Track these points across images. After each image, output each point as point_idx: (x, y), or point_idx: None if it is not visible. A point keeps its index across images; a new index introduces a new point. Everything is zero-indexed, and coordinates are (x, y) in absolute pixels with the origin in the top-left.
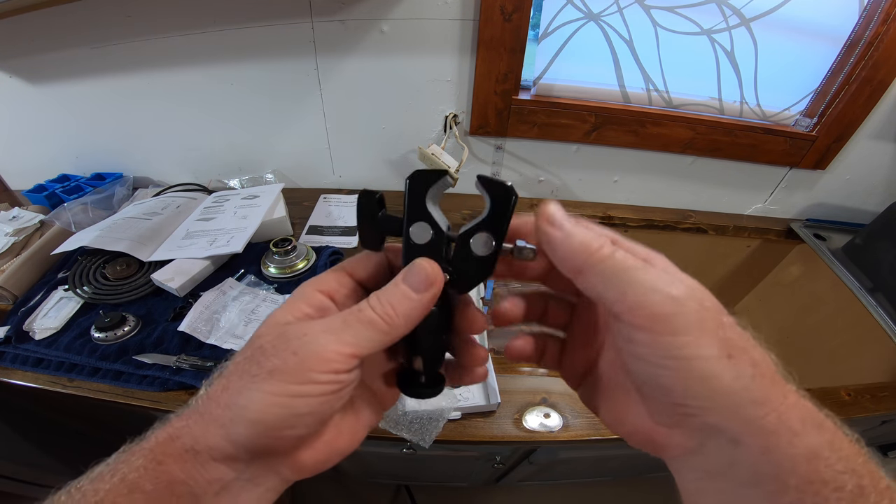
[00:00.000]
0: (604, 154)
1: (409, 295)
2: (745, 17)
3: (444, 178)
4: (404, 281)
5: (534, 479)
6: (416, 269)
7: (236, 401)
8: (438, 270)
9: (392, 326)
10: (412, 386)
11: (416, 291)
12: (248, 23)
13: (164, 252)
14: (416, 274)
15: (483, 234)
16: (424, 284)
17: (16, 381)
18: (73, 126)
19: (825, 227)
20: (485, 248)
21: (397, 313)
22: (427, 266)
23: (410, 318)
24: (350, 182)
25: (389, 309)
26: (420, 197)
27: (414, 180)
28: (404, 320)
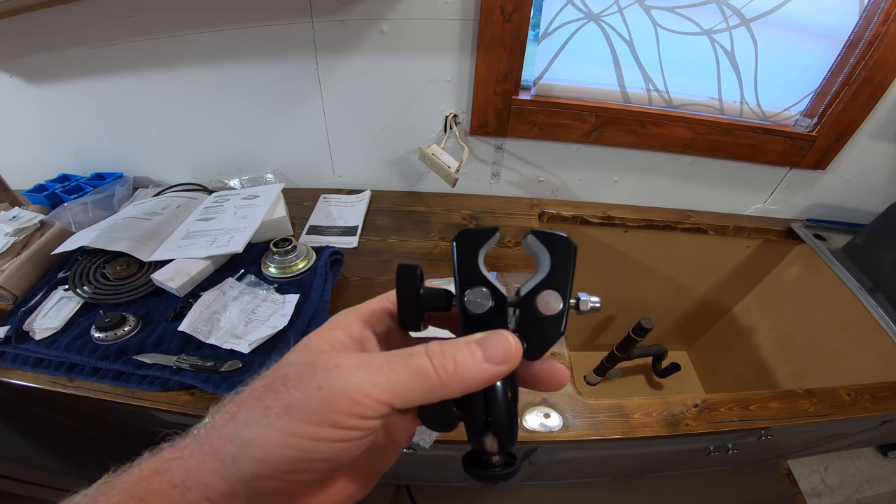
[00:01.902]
0: (604, 154)
1: (477, 358)
2: (745, 17)
3: (494, 235)
4: (479, 344)
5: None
6: (498, 340)
7: (242, 434)
8: (520, 348)
9: (444, 384)
10: (485, 468)
11: (488, 361)
12: (248, 23)
13: (164, 252)
14: (498, 345)
15: (549, 291)
16: (502, 357)
17: (16, 381)
18: (74, 126)
19: (825, 227)
20: (553, 307)
21: (457, 373)
22: (512, 341)
23: (468, 383)
24: (350, 182)
25: (451, 363)
26: (472, 260)
27: (462, 242)
28: (462, 383)
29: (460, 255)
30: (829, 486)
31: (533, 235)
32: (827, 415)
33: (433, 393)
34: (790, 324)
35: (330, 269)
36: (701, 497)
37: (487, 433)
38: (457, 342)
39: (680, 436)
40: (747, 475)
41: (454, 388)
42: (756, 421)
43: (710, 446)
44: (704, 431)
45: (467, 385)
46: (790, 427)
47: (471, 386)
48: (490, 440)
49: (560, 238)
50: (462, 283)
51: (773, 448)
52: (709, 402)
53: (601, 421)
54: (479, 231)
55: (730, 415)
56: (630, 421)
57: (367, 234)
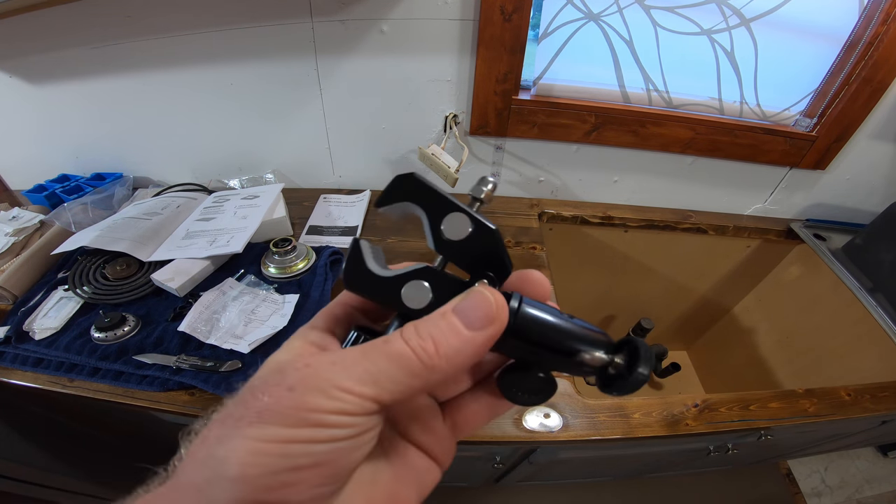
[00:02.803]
0: (604, 154)
1: (458, 330)
2: (745, 17)
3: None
4: (455, 313)
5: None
6: (474, 300)
7: (215, 453)
8: (502, 300)
9: (429, 368)
10: (622, 376)
11: (471, 328)
12: (248, 23)
13: (164, 252)
14: (476, 307)
15: (447, 218)
16: (485, 318)
17: (16, 381)
18: (73, 126)
19: (825, 227)
20: (461, 226)
21: (439, 352)
22: (490, 295)
23: (460, 359)
24: (350, 182)
25: (429, 344)
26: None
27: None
28: (447, 362)
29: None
30: (829, 486)
31: (383, 207)
32: (827, 415)
33: (421, 381)
34: (790, 324)
35: (330, 269)
36: (701, 497)
37: (581, 352)
38: (431, 317)
39: (680, 436)
40: (747, 475)
41: (445, 369)
42: (756, 421)
43: (710, 446)
44: (704, 431)
45: (460, 361)
46: (790, 427)
47: (465, 360)
48: (589, 355)
49: (397, 182)
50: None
51: (773, 448)
52: (709, 402)
53: (601, 421)
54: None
55: (730, 415)
56: (630, 421)
57: (367, 234)
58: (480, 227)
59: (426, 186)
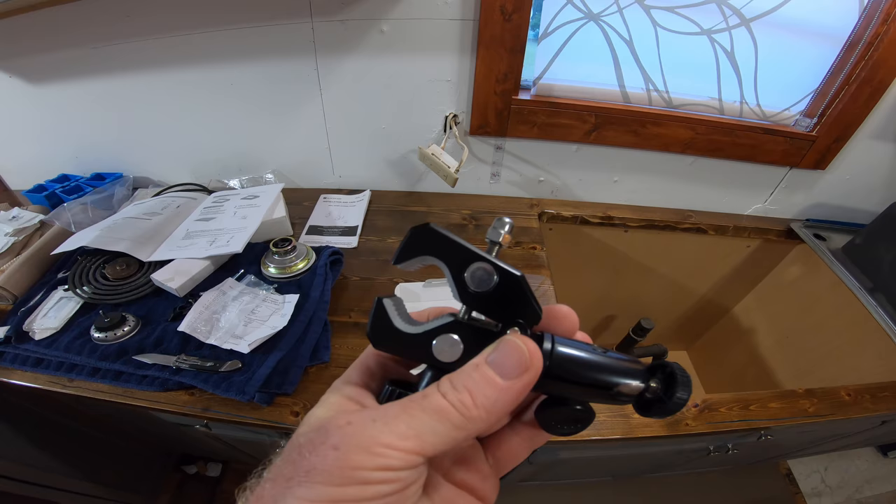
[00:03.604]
0: (604, 154)
1: (493, 381)
2: (745, 17)
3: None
4: (489, 364)
5: (534, 479)
6: (506, 350)
7: None
8: (536, 348)
9: (469, 419)
10: (661, 401)
11: (505, 378)
12: (248, 23)
13: (164, 252)
14: (509, 356)
15: (471, 269)
16: (518, 368)
17: (16, 381)
18: (73, 126)
19: (825, 227)
20: (486, 275)
21: (476, 403)
22: (522, 344)
23: (499, 408)
24: (350, 182)
25: (467, 397)
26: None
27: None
28: (486, 412)
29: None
30: (829, 486)
31: (402, 264)
32: (827, 415)
33: (463, 432)
34: (790, 324)
35: (330, 269)
36: (701, 497)
37: (617, 385)
38: (465, 369)
39: (680, 436)
40: (747, 475)
41: (485, 418)
42: (756, 421)
43: (710, 446)
44: (704, 431)
45: (498, 410)
46: (790, 427)
47: (503, 409)
48: (626, 386)
49: (414, 236)
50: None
51: (773, 448)
52: (709, 402)
53: (601, 421)
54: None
55: (730, 415)
56: (630, 421)
57: (367, 234)
58: (506, 275)
59: (444, 238)
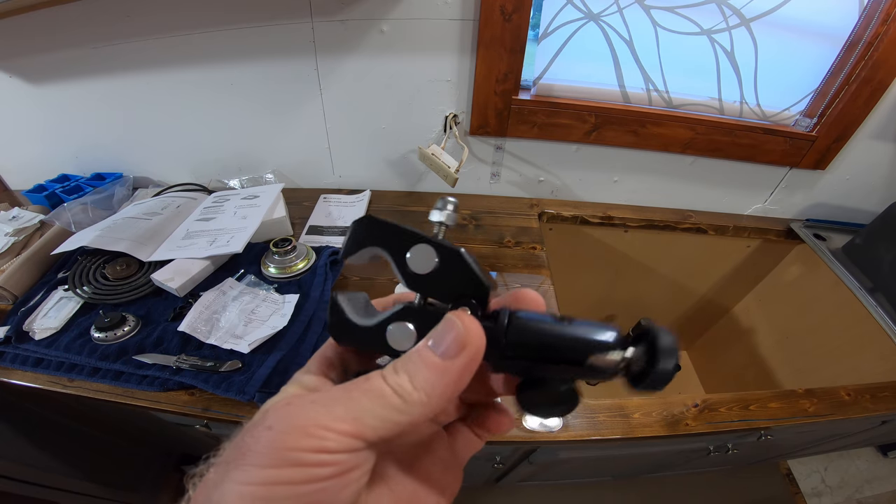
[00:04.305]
0: (604, 154)
1: (431, 362)
2: (745, 17)
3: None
4: (428, 344)
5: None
6: (442, 327)
7: (210, 497)
8: (475, 323)
9: (409, 403)
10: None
11: (443, 357)
12: (248, 23)
13: (164, 252)
14: (444, 333)
15: (414, 249)
16: (458, 346)
17: (16, 381)
18: (74, 126)
19: (825, 227)
20: (425, 256)
21: (415, 386)
22: (459, 321)
23: (435, 393)
24: (350, 182)
25: (405, 379)
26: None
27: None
28: (426, 396)
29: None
30: (829, 486)
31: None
32: (827, 415)
33: (406, 416)
34: (790, 324)
35: (330, 269)
36: (701, 497)
37: (586, 359)
38: (409, 353)
39: (680, 436)
40: (747, 475)
41: (426, 402)
42: (756, 421)
43: (710, 446)
44: (704, 431)
45: (440, 392)
46: (790, 427)
47: (445, 391)
48: (598, 358)
49: (356, 227)
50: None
51: (773, 448)
52: (709, 402)
53: (601, 421)
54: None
55: (730, 415)
56: (630, 421)
57: None
58: (446, 252)
59: (384, 223)
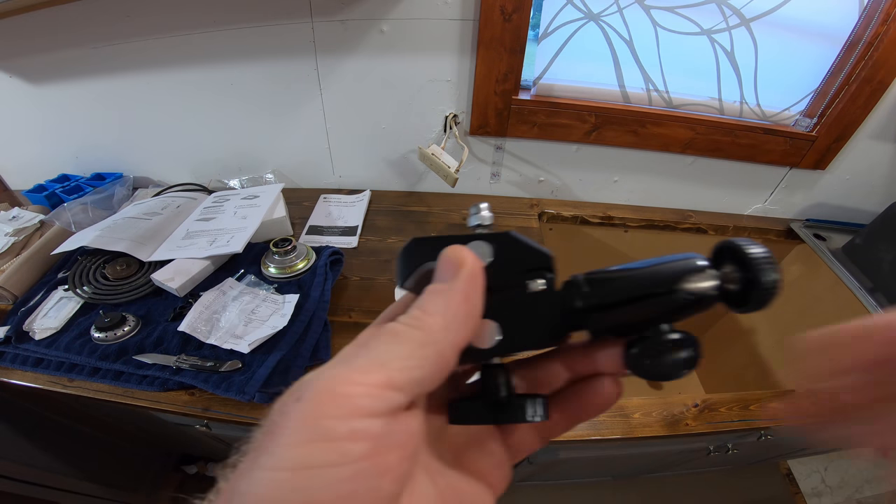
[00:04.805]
0: (604, 154)
1: (436, 289)
2: (745, 17)
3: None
4: (434, 279)
5: (534, 479)
6: (439, 260)
7: (237, 487)
8: (464, 251)
9: (427, 332)
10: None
11: (443, 281)
12: (248, 23)
13: (164, 252)
14: (441, 263)
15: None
16: (452, 269)
17: (16, 381)
18: (73, 126)
19: (825, 227)
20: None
21: (427, 312)
22: (445, 250)
23: (448, 314)
24: (350, 182)
25: (416, 312)
26: None
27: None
28: (441, 319)
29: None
30: (829, 486)
31: (407, 282)
32: None
33: (429, 346)
34: (790, 324)
35: (330, 269)
36: (701, 497)
37: (679, 286)
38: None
39: (680, 436)
40: (747, 475)
41: (444, 326)
42: (756, 421)
43: (710, 446)
44: (704, 431)
45: (452, 314)
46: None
47: (456, 313)
48: (687, 280)
49: (405, 252)
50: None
51: (773, 448)
52: (709, 402)
53: (601, 421)
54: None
55: (730, 415)
56: (630, 421)
57: (367, 234)
58: (495, 239)
59: (430, 239)
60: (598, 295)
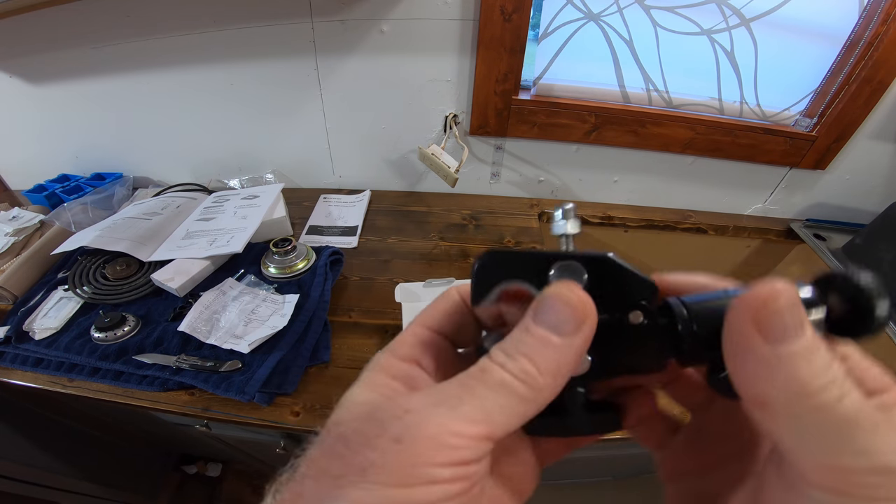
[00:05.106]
0: (604, 154)
1: (550, 342)
2: (745, 17)
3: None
4: (537, 321)
5: None
6: (551, 303)
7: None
8: (585, 297)
9: (535, 389)
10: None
11: (558, 334)
12: (248, 23)
13: (164, 252)
14: (556, 310)
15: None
16: (573, 322)
17: (16, 381)
18: (73, 126)
19: (825, 227)
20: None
21: (541, 370)
22: (567, 293)
23: (560, 374)
24: (350, 182)
25: (528, 364)
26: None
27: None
28: (552, 378)
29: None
30: None
31: (484, 302)
32: None
33: (532, 405)
34: None
35: (330, 269)
36: None
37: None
38: (515, 336)
39: None
40: None
41: (553, 385)
42: None
43: None
44: None
45: (564, 373)
46: None
47: (568, 371)
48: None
49: (482, 267)
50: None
51: None
52: None
53: None
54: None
55: None
56: None
57: (367, 234)
58: (592, 262)
59: (511, 254)
60: (704, 329)
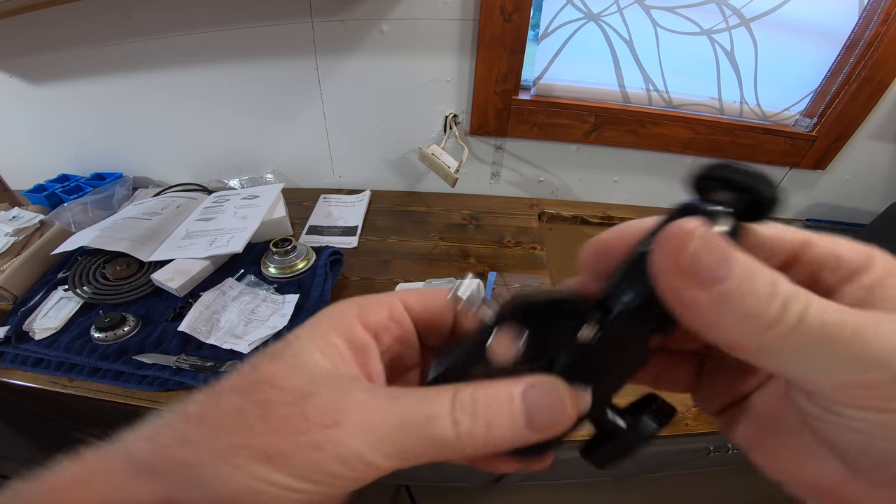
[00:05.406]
0: (604, 154)
1: (516, 424)
2: (744, 17)
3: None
4: (525, 398)
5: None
6: (547, 396)
7: (201, 472)
8: (576, 403)
9: (464, 450)
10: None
11: (528, 425)
12: (248, 23)
13: (164, 252)
14: (546, 405)
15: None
16: (548, 424)
17: (16, 381)
18: (73, 126)
19: (825, 227)
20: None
21: (486, 442)
22: (565, 395)
23: (489, 450)
24: (350, 182)
25: (481, 431)
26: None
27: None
28: (483, 450)
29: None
30: None
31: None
32: None
33: (445, 457)
34: None
35: (330, 269)
36: (701, 497)
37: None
38: (492, 394)
39: (680, 436)
40: (747, 475)
41: (476, 455)
42: None
43: (710, 446)
44: (704, 431)
45: (492, 451)
46: None
47: (498, 451)
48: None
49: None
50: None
51: None
52: None
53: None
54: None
55: None
56: None
57: (367, 234)
58: (505, 315)
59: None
60: (639, 296)
